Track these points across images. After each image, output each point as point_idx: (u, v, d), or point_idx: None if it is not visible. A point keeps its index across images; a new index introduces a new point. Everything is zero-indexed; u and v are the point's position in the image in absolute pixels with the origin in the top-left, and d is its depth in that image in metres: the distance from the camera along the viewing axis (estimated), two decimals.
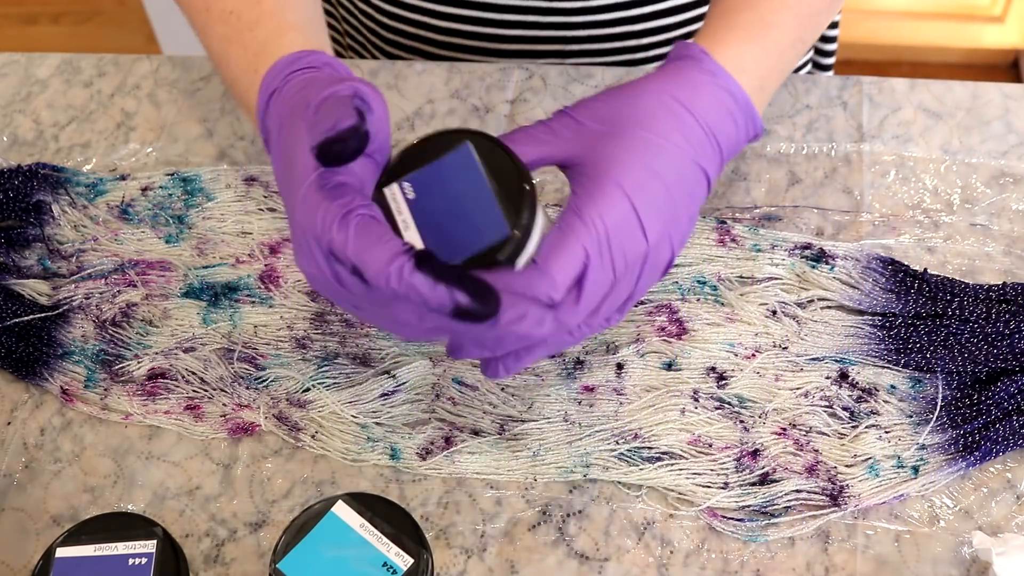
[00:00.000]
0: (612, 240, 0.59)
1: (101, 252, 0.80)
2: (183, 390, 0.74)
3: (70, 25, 2.37)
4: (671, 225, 0.61)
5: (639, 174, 0.59)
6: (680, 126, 0.61)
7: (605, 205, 0.59)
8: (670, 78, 0.63)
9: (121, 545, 0.57)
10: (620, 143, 0.60)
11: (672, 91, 0.62)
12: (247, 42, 0.67)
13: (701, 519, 0.67)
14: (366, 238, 0.55)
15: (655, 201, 0.59)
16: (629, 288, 0.61)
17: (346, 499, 0.57)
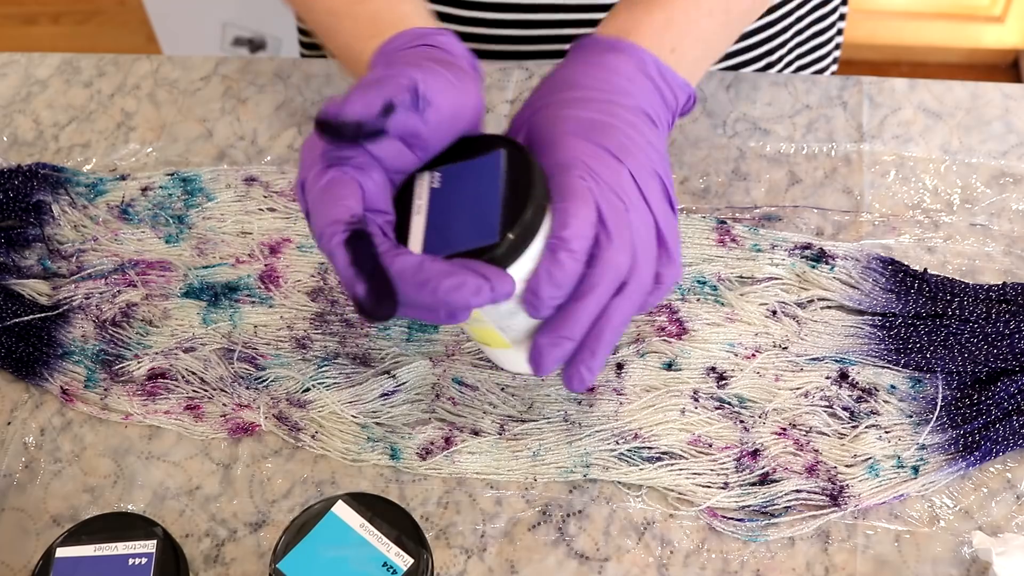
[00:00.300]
0: (594, 168, 0.59)
1: (101, 252, 0.80)
2: (183, 390, 0.74)
3: (70, 25, 2.37)
4: (640, 149, 0.61)
5: (581, 118, 0.61)
6: (598, 81, 0.63)
7: (570, 148, 0.59)
8: (574, 59, 0.65)
9: (121, 545, 0.57)
10: (552, 109, 0.62)
11: (581, 63, 0.64)
12: (358, 14, 0.67)
13: (701, 519, 0.67)
14: (328, 192, 0.56)
15: (608, 133, 0.60)
16: (647, 217, 0.60)
17: (346, 499, 0.57)
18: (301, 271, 0.78)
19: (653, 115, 0.63)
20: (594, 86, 0.63)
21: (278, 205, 0.81)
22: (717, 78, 0.87)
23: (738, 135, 0.83)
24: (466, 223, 0.58)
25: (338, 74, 0.89)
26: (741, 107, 0.85)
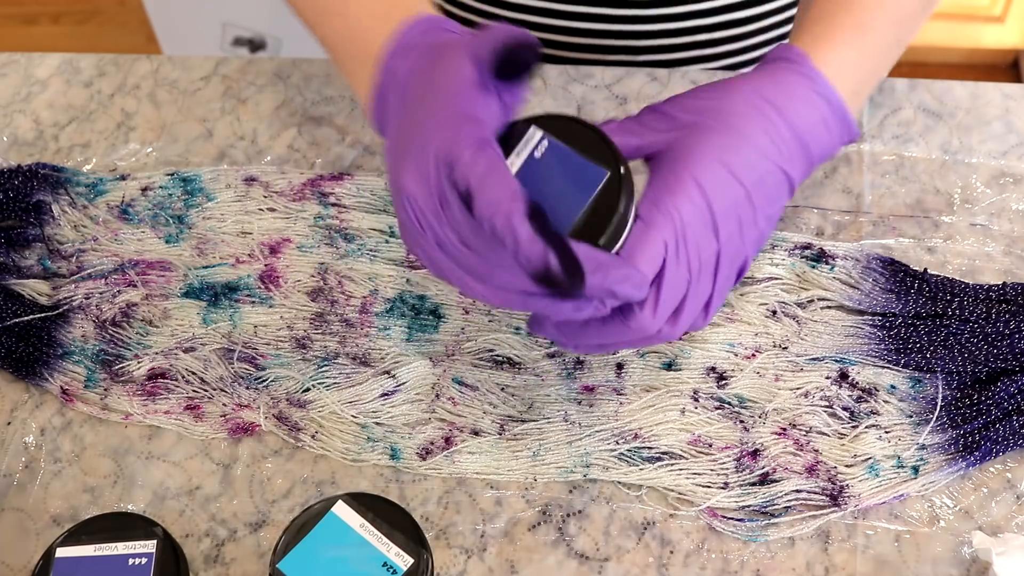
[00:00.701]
0: (688, 235, 0.58)
1: (101, 252, 0.80)
2: (183, 390, 0.74)
3: (70, 25, 2.37)
4: (746, 227, 0.60)
5: (717, 171, 0.59)
6: (768, 128, 0.60)
7: (681, 198, 0.58)
8: (766, 78, 0.62)
9: (121, 545, 0.57)
10: (703, 138, 0.59)
11: (765, 92, 0.61)
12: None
13: (701, 519, 0.67)
14: (494, 171, 0.54)
15: (730, 200, 0.59)
16: (707, 290, 0.60)
17: (346, 499, 0.57)
18: (301, 271, 0.78)
19: (798, 177, 0.62)
20: (757, 135, 0.60)
21: (278, 205, 0.81)
22: (718, 78, 0.87)
23: None
24: (565, 202, 0.57)
25: (338, 74, 0.89)
26: None
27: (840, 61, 0.63)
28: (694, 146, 0.59)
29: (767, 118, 0.60)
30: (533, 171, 0.58)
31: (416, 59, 0.61)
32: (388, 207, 0.80)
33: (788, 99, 0.61)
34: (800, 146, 0.61)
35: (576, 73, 0.88)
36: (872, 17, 0.65)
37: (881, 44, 0.66)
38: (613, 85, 0.87)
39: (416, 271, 0.77)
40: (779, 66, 0.63)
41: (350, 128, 0.86)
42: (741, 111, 0.60)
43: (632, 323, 0.59)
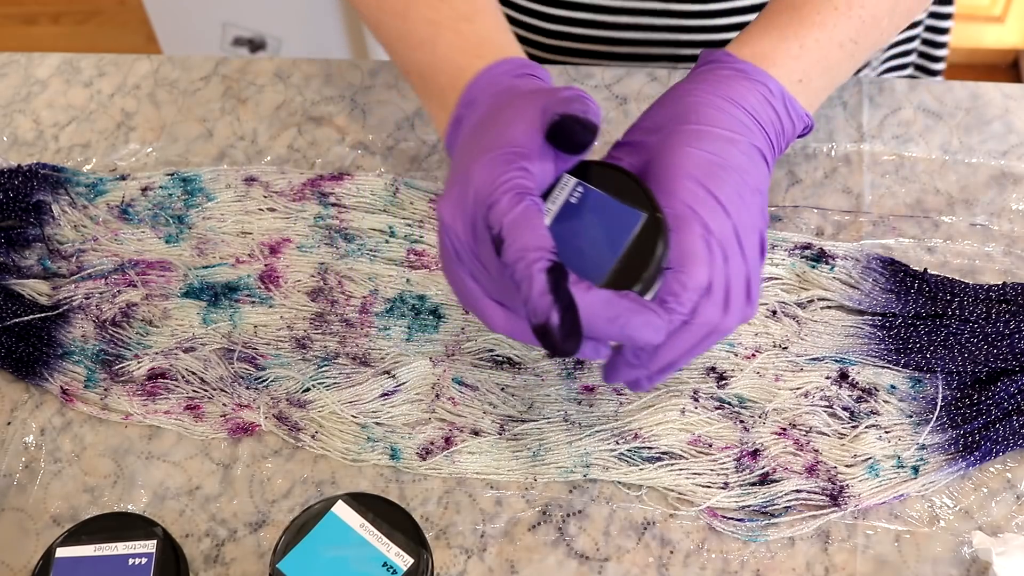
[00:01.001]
0: (706, 222, 0.59)
1: (101, 252, 0.80)
2: (183, 390, 0.74)
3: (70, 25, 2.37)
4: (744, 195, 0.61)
5: (698, 157, 0.61)
6: (722, 114, 0.62)
7: (683, 193, 0.60)
8: (701, 79, 0.65)
9: (121, 545, 0.57)
10: (673, 140, 0.62)
11: (707, 88, 0.64)
12: (463, 31, 0.67)
13: (701, 519, 0.67)
14: (528, 220, 0.56)
15: (719, 176, 0.60)
16: (741, 267, 0.61)
17: (346, 499, 0.57)
18: (301, 271, 0.78)
19: (767, 152, 0.64)
20: (716, 120, 0.62)
21: (278, 205, 0.81)
22: None
23: None
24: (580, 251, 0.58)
25: (337, 74, 0.89)
26: None
27: (773, 51, 0.65)
28: (670, 150, 0.61)
29: (718, 107, 0.63)
30: (570, 217, 0.59)
31: (495, 96, 0.63)
32: (388, 207, 0.80)
33: (729, 88, 0.64)
34: (755, 123, 0.63)
35: (576, 73, 0.88)
36: (819, 13, 0.67)
37: (829, 39, 0.67)
38: (613, 85, 0.87)
39: (416, 271, 0.77)
40: (708, 67, 0.66)
41: (350, 128, 0.86)
42: (694, 107, 0.63)
43: (699, 320, 0.60)
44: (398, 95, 0.88)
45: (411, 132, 0.86)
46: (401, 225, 0.79)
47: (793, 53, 0.66)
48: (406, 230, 0.79)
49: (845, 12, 0.67)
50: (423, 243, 0.79)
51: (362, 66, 0.90)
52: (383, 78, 0.89)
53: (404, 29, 0.70)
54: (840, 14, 0.67)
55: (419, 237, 0.79)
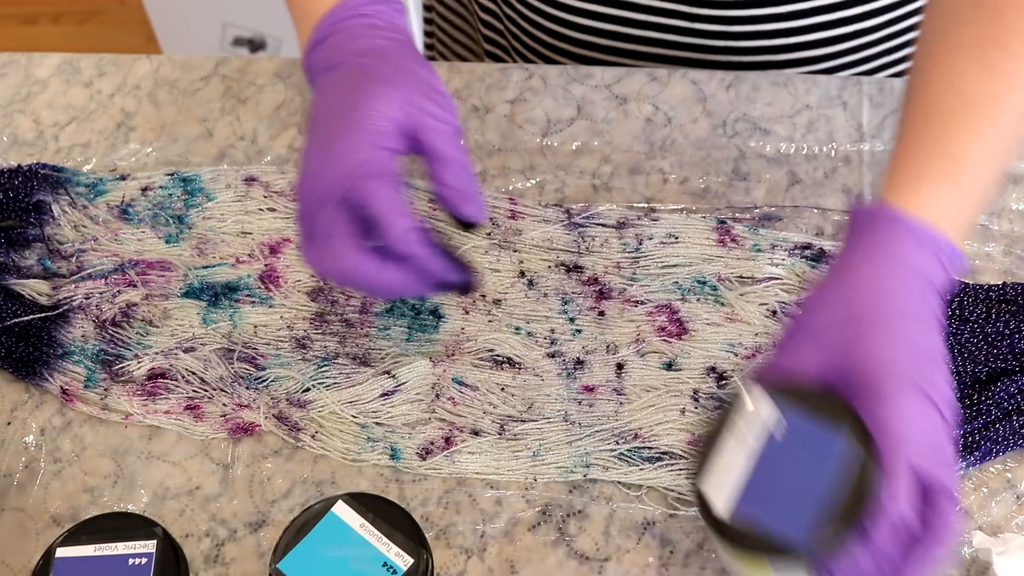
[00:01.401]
0: (919, 451, 0.55)
1: (101, 252, 0.80)
2: (183, 390, 0.74)
3: (70, 25, 2.37)
4: (949, 392, 0.58)
5: (906, 356, 0.56)
6: (911, 294, 0.58)
7: (906, 406, 0.55)
8: (874, 249, 0.60)
9: (121, 545, 0.57)
10: (870, 339, 0.57)
11: (885, 260, 0.59)
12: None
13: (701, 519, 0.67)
14: (398, 206, 0.63)
15: (934, 373, 0.57)
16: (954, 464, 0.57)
17: (346, 499, 0.57)
18: (301, 271, 0.78)
19: (943, 322, 0.60)
20: (906, 300, 0.58)
21: (278, 205, 0.81)
22: (717, 78, 0.87)
23: (738, 135, 0.83)
24: (783, 496, 0.55)
25: None
26: (741, 107, 0.85)
27: (936, 202, 0.61)
28: (869, 351, 0.56)
29: (902, 284, 0.58)
30: (773, 453, 0.55)
31: (359, 53, 0.67)
32: None
33: (903, 255, 0.59)
34: (933, 289, 0.59)
35: (576, 73, 0.88)
36: (964, 146, 0.62)
37: (981, 172, 0.62)
38: (613, 85, 0.87)
39: None
40: (876, 228, 0.60)
41: None
42: (880, 292, 0.58)
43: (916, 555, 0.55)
44: None
45: None
46: None
47: (953, 199, 0.61)
48: None
49: (988, 138, 0.62)
50: None
51: None
52: None
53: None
54: (983, 141, 0.62)
55: None
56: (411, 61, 0.67)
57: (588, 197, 0.81)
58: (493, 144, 0.84)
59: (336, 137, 0.64)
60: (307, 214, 0.65)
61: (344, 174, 0.63)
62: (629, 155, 0.83)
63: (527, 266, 0.77)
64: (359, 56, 0.67)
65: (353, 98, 0.65)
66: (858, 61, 0.92)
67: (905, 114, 0.64)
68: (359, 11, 0.68)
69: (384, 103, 0.64)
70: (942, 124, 0.62)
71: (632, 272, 0.76)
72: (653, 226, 0.78)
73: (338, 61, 0.67)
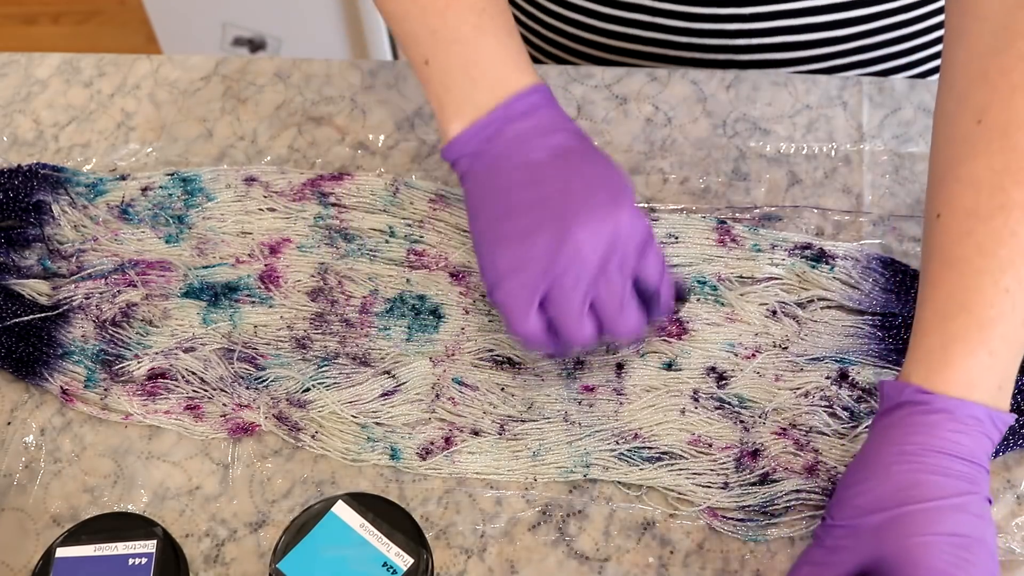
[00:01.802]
0: None
1: (101, 252, 0.80)
2: (183, 390, 0.74)
3: (70, 25, 2.37)
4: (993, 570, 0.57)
5: (941, 549, 0.55)
6: (947, 479, 0.57)
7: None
8: (905, 433, 0.59)
9: (121, 545, 0.57)
10: (902, 530, 0.56)
11: (918, 449, 0.58)
12: (505, 43, 0.69)
13: (701, 519, 0.67)
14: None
15: (972, 563, 0.56)
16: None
17: (346, 499, 0.57)
18: (301, 271, 0.78)
19: (989, 493, 0.59)
20: (942, 488, 0.56)
21: (278, 205, 0.81)
22: (717, 78, 0.87)
23: (738, 135, 0.83)
24: None
25: (338, 74, 0.89)
26: (741, 107, 0.85)
27: (968, 373, 0.59)
28: (903, 546, 0.56)
29: (937, 470, 0.57)
30: None
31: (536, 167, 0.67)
32: (388, 207, 0.80)
33: (939, 439, 0.58)
34: (976, 467, 0.58)
35: (576, 73, 0.88)
36: (992, 306, 0.59)
37: (1011, 330, 0.59)
38: (613, 85, 0.87)
39: (416, 271, 0.77)
40: (905, 413, 0.59)
41: (350, 128, 0.86)
42: (913, 481, 0.57)
43: None
44: (398, 95, 0.88)
45: (411, 132, 0.86)
46: (401, 225, 0.79)
47: (985, 364, 0.59)
48: (406, 230, 0.79)
49: (1016, 290, 0.59)
50: (423, 243, 0.79)
51: (362, 66, 0.90)
52: (383, 78, 0.89)
53: (439, 24, 0.69)
54: (1011, 296, 0.59)
55: (419, 237, 0.79)
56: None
57: None
58: None
59: (612, 207, 0.65)
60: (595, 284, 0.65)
61: (636, 246, 0.65)
62: (629, 155, 0.83)
63: None
64: (566, 138, 0.68)
65: (607, 173, 0.67)
66: (858, 63, 0.92)
67: (925, 270, 0.62)
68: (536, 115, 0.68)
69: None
70: (963, 285, 0.60)
71: None
72: (653, 226, 0.78)
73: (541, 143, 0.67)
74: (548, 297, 0.64)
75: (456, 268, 0.77)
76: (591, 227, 0.63)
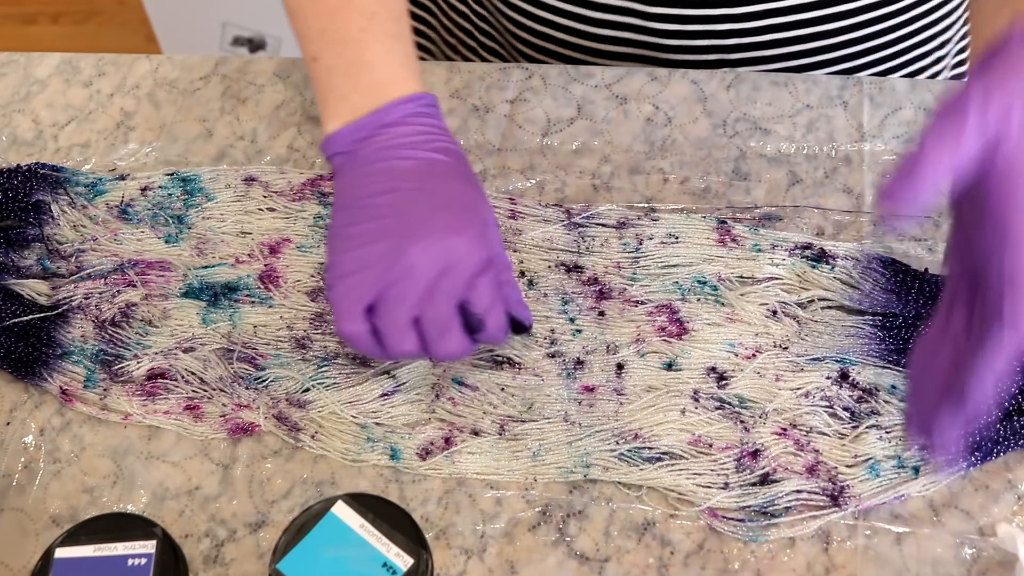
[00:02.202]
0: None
1: (101, 252, 0.80)
2: (183, 390, 0.73)
3: (69, 25, 2.37)
4: None
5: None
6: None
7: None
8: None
9: (121, 545, 0.57)
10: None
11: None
12: (393, 47, 0.72)
13: (701, 519, 0.67)
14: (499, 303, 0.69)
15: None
16: None
17: (346, 499, 0.57)
18: (301, 271, 0.78)
19: None
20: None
21: (278, 205, 0.81)
22: (718, 78, 0.87)
23: (738, 135, 0.83)
24: None
25: None
26: (741, 107, 0.85)
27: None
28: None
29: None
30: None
31: (422, 166, 0.68)
32: None
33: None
34: None
35: (576, 73, 0.88)
36: None
37: None
38: (613, 85, 0.87)
39: None
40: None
41: None
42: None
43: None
44: None
45: None
46: None
47: None
48: None
49: None
50: None
51: None
52: None
53: (328, 24, 0.73)
54: None
55: None
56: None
57: (588, 197, 0.81)
58: (493, 144, 0.84)
59: (452, 231, 0.66)
60: (421, 303, 0.66)
61: (470, 273, 0.66)
62: (629, 155, 0.83)
63: (527, 266, 0.77)
64: (435, 152, 0.70)
65: (462, 194, 0.69)
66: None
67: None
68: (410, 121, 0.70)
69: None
70: None
71: (632, 272, 0.76)
72: (653, 226, 0.78)
73: (408, 154, 0.69)
74: (376, 306, 0.66)
75: None
76: (425, 246, 0.65)
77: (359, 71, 0.71)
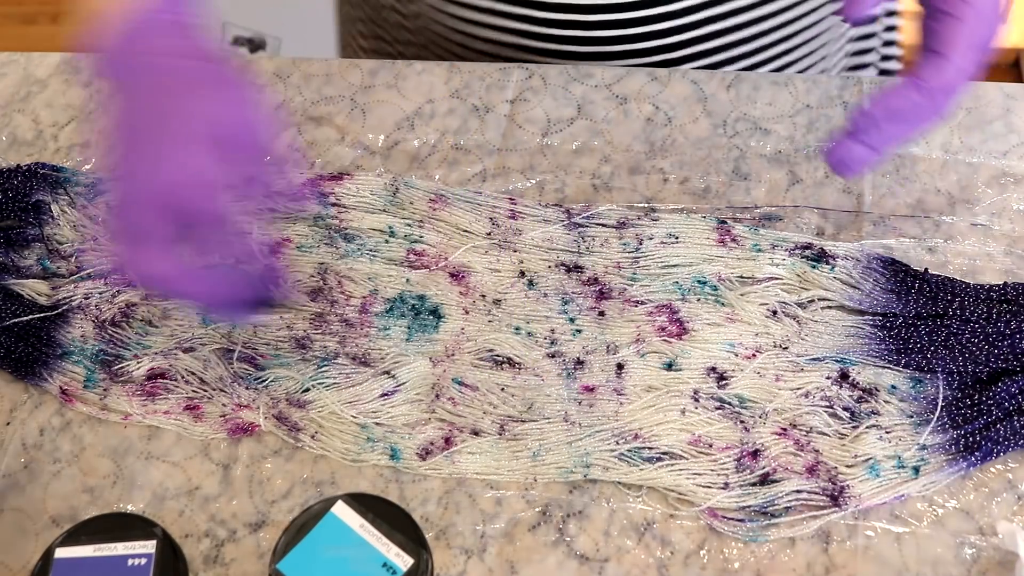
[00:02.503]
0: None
1: (100, 252, 0.80)
2: (183, 390, 0.73)
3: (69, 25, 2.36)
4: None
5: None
6: None
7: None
8: None
9: (120, 545, 0.57)
10: None
11: None
12: None
13: (701, 519, 0.67)
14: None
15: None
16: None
17: (346, 499, 0.57)
18: (301, 271, 0.78)
19: None
20: None
21: (278, 205, 0.81)
22: (718, 78, 0.87)
23: (738, 135, 0.83)
24: None
25: (337, 74, 0.89)
26: (741, 107, 0.85)
27: None
28: None
29: None
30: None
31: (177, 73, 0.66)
32: (388, 207, 0.80)
33: None
34: None
35: (576, 72, 0.88)
36: None
37: None
38: (613, 85, 0.87)
39: (416, 271, 0.77)
40: None
41: (350, 128, 0.86)
42: None
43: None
44: (398, 95, 0.88)
45: (411, 132, 0.85)
46: (401, 225, 0.79)
47: None
48: (406, 230, 0.79)
49: None
50: (423, 243, 0.78)
51: (362, 66, 0.90)
52: (383, 78, 0.89)
53: None
54: None
55: (419, 237, 0.79)
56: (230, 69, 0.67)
57: (588, 197, 0.81)
58: (493, 144, 0.84)
59: (165, 142, 0.63)
60: (126, 214, 0.63)
61: (176, 181, 0.63)
62: (629, 155, 0.83)
63: (527, 266, 0.77)
64: (178, 57, 0.67)
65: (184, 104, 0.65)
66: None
67: None
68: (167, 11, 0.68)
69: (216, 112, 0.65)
70: None
71: (632, 272, 0.76)
72: (653, 226, 0.78)
73: (152, 61, 0.68)
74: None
75: (456, 268, 0.77)
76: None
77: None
